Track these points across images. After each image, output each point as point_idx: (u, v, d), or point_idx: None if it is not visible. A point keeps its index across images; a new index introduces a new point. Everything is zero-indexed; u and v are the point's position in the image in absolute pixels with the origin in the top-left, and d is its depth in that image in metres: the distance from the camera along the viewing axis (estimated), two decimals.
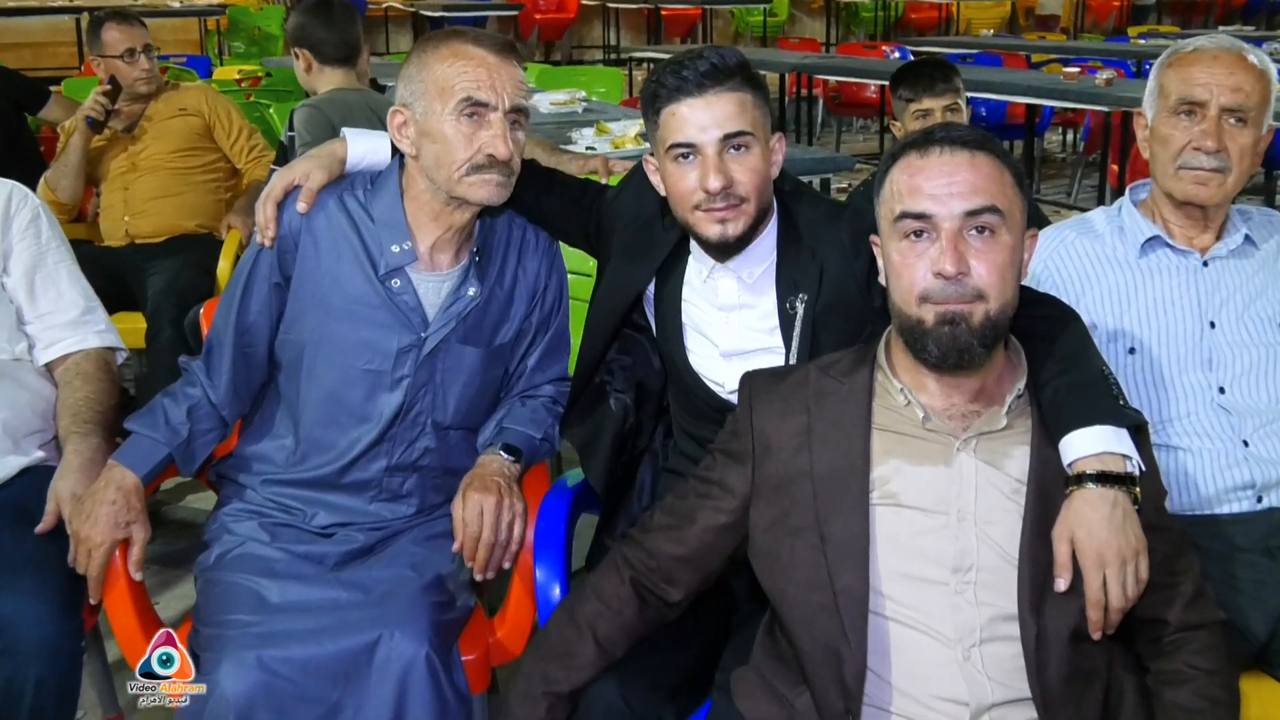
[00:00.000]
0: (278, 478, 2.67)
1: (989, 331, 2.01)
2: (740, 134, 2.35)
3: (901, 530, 2.05)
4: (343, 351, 2.60)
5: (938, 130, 2.08)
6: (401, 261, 2.58)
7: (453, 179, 2.49)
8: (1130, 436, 2.05)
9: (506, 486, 2.56)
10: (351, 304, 2.59)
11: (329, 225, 2.60)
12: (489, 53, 2.49)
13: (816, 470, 2.10)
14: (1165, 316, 2.64)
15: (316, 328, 2.61)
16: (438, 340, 2.61)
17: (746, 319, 2.51)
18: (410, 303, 2.59)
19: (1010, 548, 2.01)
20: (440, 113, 2.47)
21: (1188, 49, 2.64)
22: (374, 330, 2.59)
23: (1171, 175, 2.62)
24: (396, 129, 2.55)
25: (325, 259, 2.59)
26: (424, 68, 2.51)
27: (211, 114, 5.09)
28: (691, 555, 2.22)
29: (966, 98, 4.19)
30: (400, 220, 2.58)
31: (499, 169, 2.49)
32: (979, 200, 2.00)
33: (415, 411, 2.64)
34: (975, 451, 2.06)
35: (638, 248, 2.60)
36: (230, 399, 2.67)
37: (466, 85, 2.46)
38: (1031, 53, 12.40)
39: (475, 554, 2.50)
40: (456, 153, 2.48)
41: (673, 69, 2.37)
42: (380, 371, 2.60)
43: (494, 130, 2.47)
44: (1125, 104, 7.54)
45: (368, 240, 2.59)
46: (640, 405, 2.72)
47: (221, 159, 5.14)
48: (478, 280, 2.64)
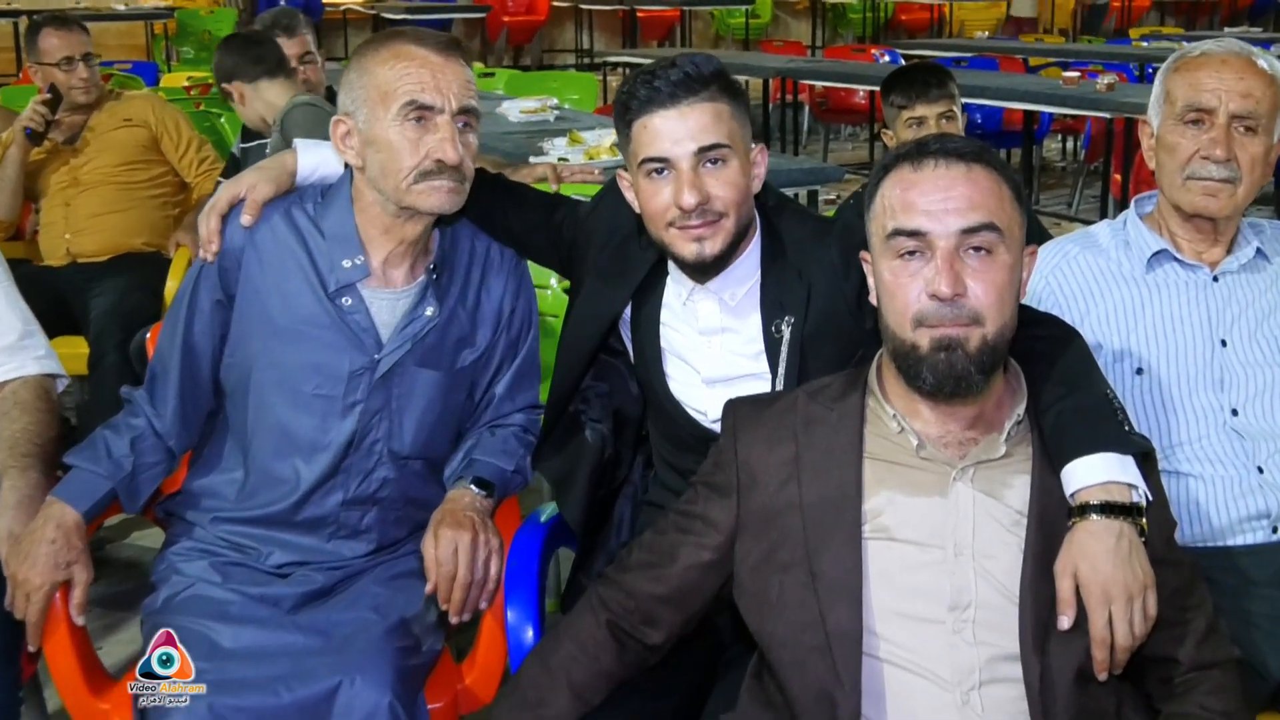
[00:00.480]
0: (228, 515, 2.65)
1: (987, 357, 2.01)
2: (716, 146, 2.35)
3: (895, 566, 2.04)
4: (291, 375, 2.58)
5: (932, 141, 2.08)
6: (352, 278, 2.56)
7: (400, 188, 2.48)
8: (1136, 464, 2.04)
9: (480, 522, 2.54)
10: (299, 324, 2.57)
11: (275, 241, 2.59)
12: (432, 52, 2.48)
13: (805, 502, 2.09)
14: (1174, 335, 2.65)
15: (262, 351, 2.59)
16: (392, 362, 2.59)
17: (730, 344, 2.51)
18: (362, 322, 2.58)
19: (1010, 584, 2.01)
20: (384, 119, 2.46)
21: (1194, 53, 2.65)
22: (323, 352, 2.57)
23: (1179, 186, 2.62)
24: (340, 139, 2.54)
25: (271, 277, 2.58)
26: (364, 73, 2.50)
27: (158, 124, 5.09)
28: (673, 595, 2.22)
29: (962, 104, 4.20)
30: (352, 234, 2.57)
31: (449, 174, 2.47)
32: (976, 217, 2.00)
33: (370, 440, 2.62)
34: (973, 481, 2.06)
35: (613, 269, 2.59)
36: (177, 429, 2.66)
37: (409, 88, 2.45)
38: (1029, 56, 12.47)
39: (451, 595, 2.48)
40: (403, 160, 2.46)
41: (644, 79, 2.37)
42: (331, 397, 2.58)
43: (441, 134, 2.46)
44: (1128, 110, 7.57)
45: (316, 256, 2.58)
46: (618, 435, 2.71)
47: (169, 172, 5.13)
48: (436, 299, 2.62)
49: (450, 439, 2.74)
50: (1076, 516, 2.00)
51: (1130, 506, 2.00)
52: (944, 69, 4.28)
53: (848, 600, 2.02)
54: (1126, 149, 7.85)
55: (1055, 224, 8.96)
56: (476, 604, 2.51)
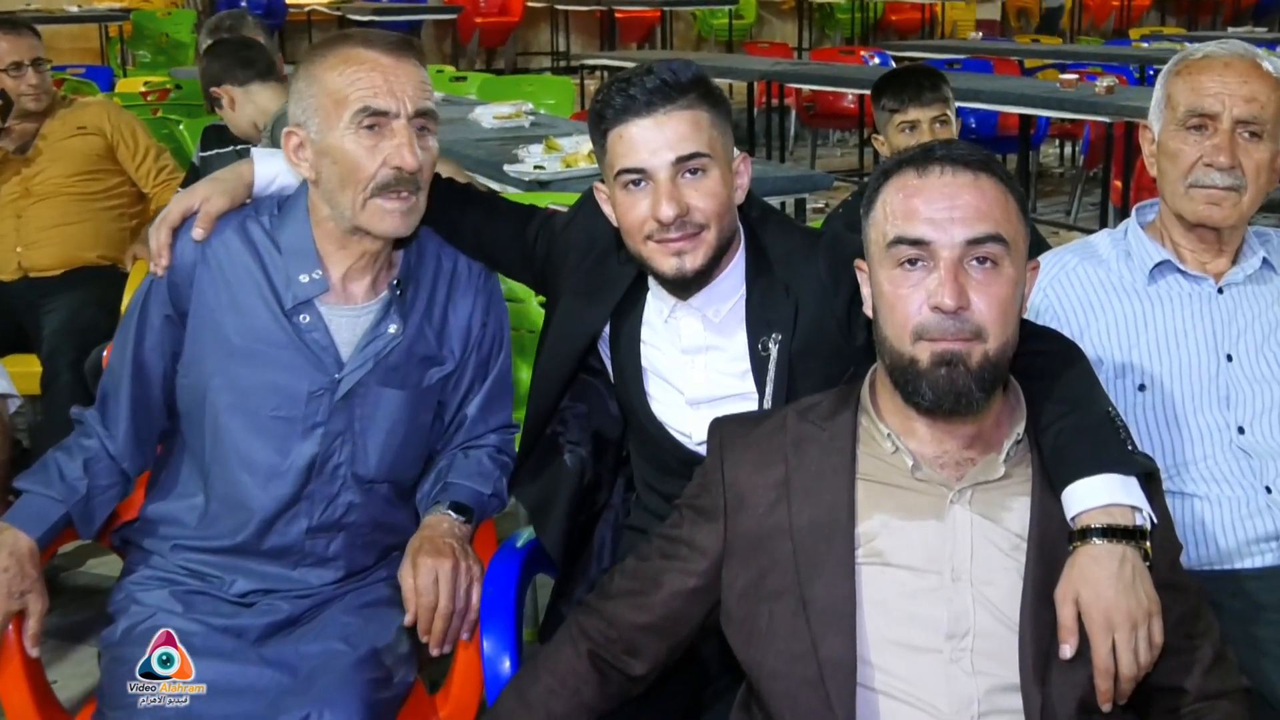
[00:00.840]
0: (188, 543, 2.63)
1: (988, 374, 2.01)
2: (695, 156, 2.35)
3: (890, 592, 2.04)
4: (247, 397, 2.57)
5: (938, 147, 2.08)
6: (310, 293, 2.55)
7: (356, 204, 2.46)
8: (1140, 485, 2.05)
9: (460, 549, 2.54)
10: (255, 343, 2.56)
11: (229, 256, 2.58)
12: (382, 54, 2.47)
13: (796, 526, 2.09)
14: (1178, 350, 2.66)
15: (217, 371, 2.57)
16: (354, 382, 2.58)
17: (714, 362, 2.51)
18: (321, 341, 2.57)
19: (1010, 611, 2.01)
20: (336, 128, 2.45)
21: (1197, 56, 2.66)
22: (281, 372, 2.56)
23: (1182, 194, 2.63)
24: (292, 152, 2.52)
25: (225, 294, 2.57)
26: (313, 80, 2.48)
27: (114, 132, 5.07)
28: (657, 624, 2.22)
29: (956, 108, 4.22)
30: (309, 247, 2.56)
31: (407, 185, 2.46)
32: (983, 228, 2.00)
33: (333, 464, 2.60)
34: (970, 504, 2.06)
35: (591, 285, 2.60)
36: (131, 450, 2.65)
37: (361, 93, 2.43)
38: (1025, 58, 12.50)
39: (431, 627, 2.48)
40: (359, 170, 2.45)
41: (619, 87, 2.37)
42: (290, 419, 2.57)
43: (398, 139, 2.44)
44: (1128, 113, 7.59)
45: (272, 272, 2.57)
46: (598, 457, 2.71)
47: (126, 182, 5.11)
48: (399, 316, 2.61)
49: (417, 461, 2.73)
50: (1078, 540, 2.00)
51: (1134, 530, 2.00)
52: (937, 72, 4.30)
53: (841, 629, 2.02)
54: (1127, 154, 7.87)
55: (1053, 233, 8.99)
56: (458, 634, 2.51)
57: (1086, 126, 9.71)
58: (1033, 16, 20.84)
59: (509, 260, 2.77)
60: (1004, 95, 8.77)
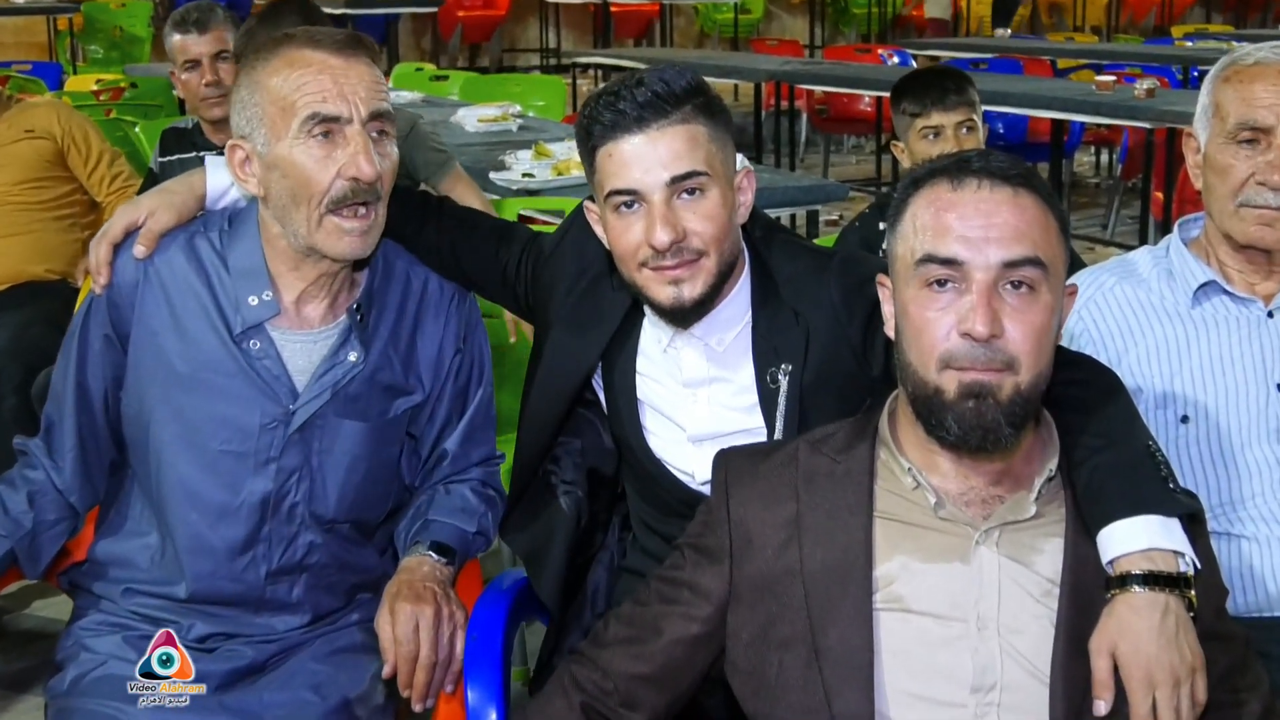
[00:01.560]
0: (142, 587, 2.62)
1: (1019, 409, 2.00)
2: (692, 174, 2.34)
3: (911, 641, 2.04)
4: (194, 429, 2.55)
5: (975, 158, 2.06)
6: (260, 316, 2.53)
7: (311, 222, 2.44)
8: (1183, 527, 2.04)
9: (443, 594, 2.52)
10: (201, 371, 2.54)
11: (173, 275, 2.56)
12: (330, 54, 2.44)
13: (808, 569, 2.09)
14: (1224, 378, 2.66)
15: (162, 399, 2.56)
16: (310, 414, 2.56)
17: (719, 395, 2.50)
18: (273, 369, 2.55)
19: (1040, 662, 2.01)
20: (284, 138, 2.42)
21: (1248, 61, 2.65)
22: (230, 403, 2.54)
23: (1230, 213, 2.63)
24: (238, 167, 2.50)
25: (168, 316, 2.55)
26: (256, 87, 2.46)
27: (65, 136, 5.07)
28: (656, 674, 2.21)
29: (982, 112, 4.23)
30: (260, 267, 2.54)
31: (365, 195, 2.43)
32: (1020, 249, 2.00)
33: (289, 502, 2.58)
34: (998, 545, 2.06)
35: (583, 314, 2.58)
36: (79, 483, 2.64)
37: (309, 99, 2.41)
38: (1057, 57, 12.52)
39: (412, 679, 2.46)
40: (311, 183, 2.42)
41: (608, 100, 2.35)
42: (241, 453, 2.55)
43: (352, 147, 2.42)
44: (1170, 119, 7.60)
45: (219, 294, 2.55)
46: (593, 497, 2.70)
47: (77, 190, 5.12)
48: (360, 343, 2.59)
49: (383, 499, 2.71)
50: (1116, 588, 2.00)
51: (1177, 577, 2.00)
52: (962, 73, 4.31)
53: (857, 681, 2.02)
54: (1169, 164, 7.88)
55: (1089, 249, 9.00)
56: (440, 686, 2.49)
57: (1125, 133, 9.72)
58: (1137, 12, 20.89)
59: (488, 282, 2.75)
60: (1035, 98, 8.78)
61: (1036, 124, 9.84)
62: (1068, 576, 2.04)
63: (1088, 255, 7.70)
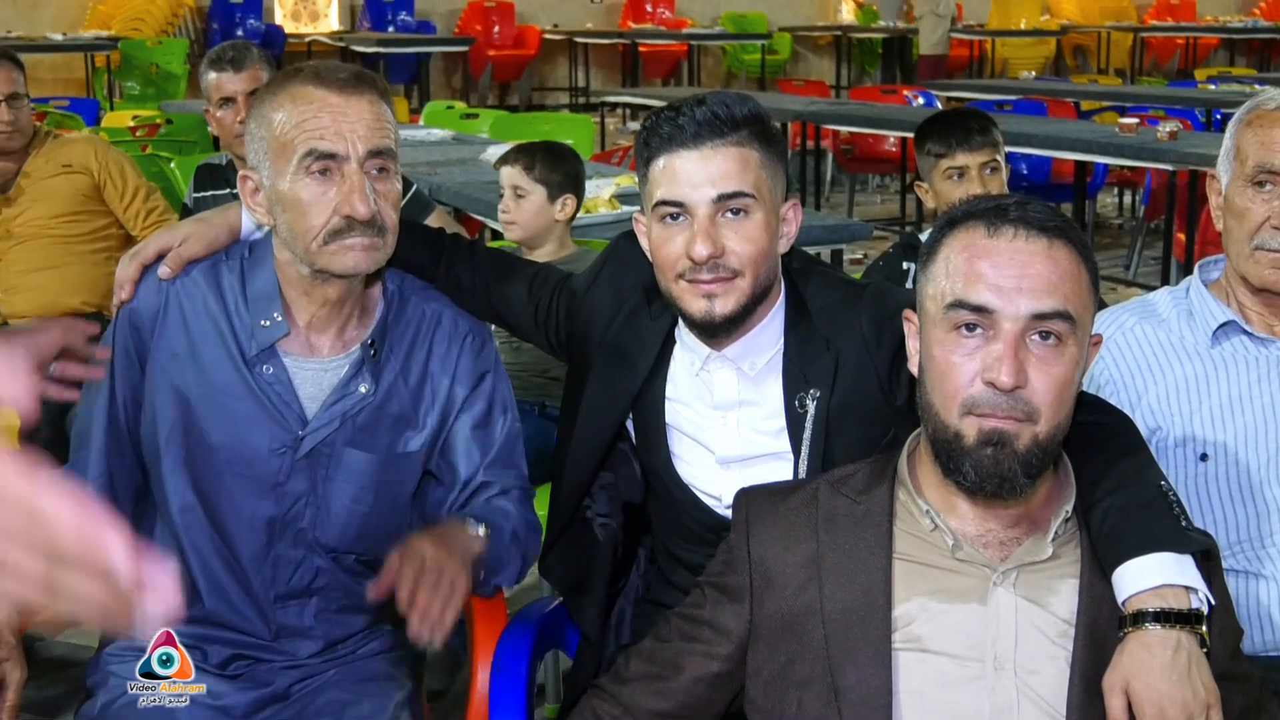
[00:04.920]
0: None
1: (1035, 458, 2.00)
2: (738, 195, 2.37)
3: (929, 682, 2.04)
4: (206, 451, 2.57)
5: (1013, 207, 2.05)
6: (272, 336, 2.54)
7: (311, 249, 2.46)
8: (1196, 565, 2.03)
9: (464, 559, 2.44)
10: (215, 394, 2.55)
11: (192, 303, 2.58)
12: (330, 91, 2.45)
13: (828, 608, 2.09)
14: (1243, 416, 2.66)
15: (176, 422, 2.57)
16: (317, 440, 2.57)
17: (748, 418, 2.52)
18: (284, 395, 2.56)
19: (1057, 702, 2.01)
20: (285, 173, 2.45)
21: (1270, 105, 2.65)
22: (241, 427, 2.55)
23: (1247, 256, 2.63)
24: (249, 196, 2.53)
25: (185, 341, 2.57)
26: (263, 122, 2.48)
27: (101, 170, 5.08)
28: (677, 711, 2.21)
29: (1006, 153, 4.23)
30: (274, 291, 2.56)
31: (361, 230, 2.44)
32: (1051, 303, 1.99)
33: (295, 527, 2.59)
34: (1015, 586, 2.06)
35: (624, 346, 2.60)
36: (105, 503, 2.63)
37: (307, 137, 2.43)
38: (1081, 99, 12.52)
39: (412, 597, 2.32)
40: (309, 218, 2.43)
41: (669, 115, 2.39)
42: (249, 476, 2.56)
43: (348, 185, 2.42)
44: (1192, 161, 7.58)
45: (235, 320, 2.56)
46: (626, 528, 2.71)
47: (113, 224, 5.13)
48: (371, 376, 2.59)
49: (391, 536, 2.61)
50: (1129, 625, 1.99)
51: (1189, 614, 1.99)
52: (985, 114, 4.31)
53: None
54: (1191, 205, 7.85)
55: (1111, 289, 8.98)
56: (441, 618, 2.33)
57: (1148, 174, 9.69)
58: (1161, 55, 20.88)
59: (519, 322, 2.78)
60: (1058, 140, 8.76)
61: (1060, 165, 9.84)
62: (1083, 617, 2.04)
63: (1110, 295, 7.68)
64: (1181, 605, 1.99)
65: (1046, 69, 20.33)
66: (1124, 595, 2.02)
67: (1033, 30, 20.79)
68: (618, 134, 15.47)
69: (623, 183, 5.65)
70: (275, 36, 17.91)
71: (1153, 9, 23.01)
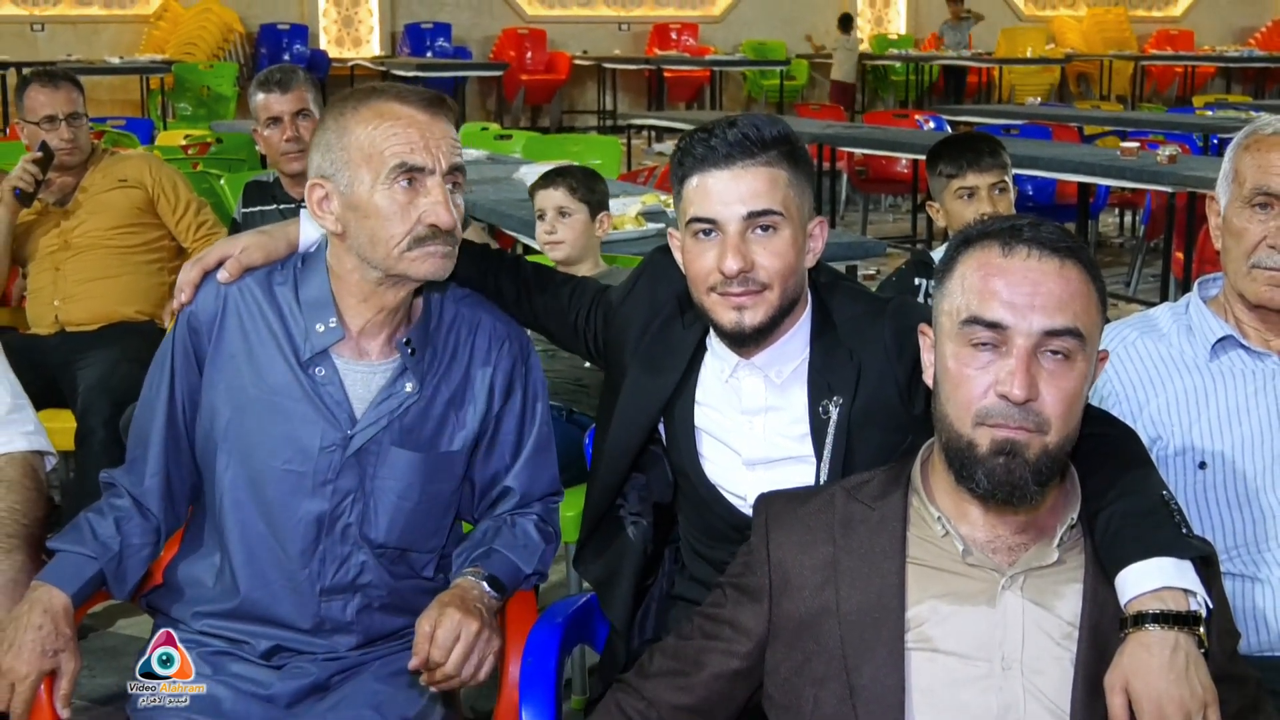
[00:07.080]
0: (208, 609, 2.63)
1: (1045, 467, 2.00)
2: (767, 213, 2.38)
3: (939, 680, 2.04)
4: (260, 448, 2.57)
5: (1027, 228, 2.06)
6: (327, 341, 2.56)
7: (392, 256, 2.47)
8: (1195, 569, 2.03)
9: (489, 620, 2.49)
10: (270, 394, 2.57)
11: (249, 308, 2.60)
12: (418, 110, 2.49)
13: (843, 610, 2.09)
14: (1240, 427, 2.65)
15: (232, 420, 2.59)
16: (366, 439, 2.57)
17: (774, 423, 2.53)
18: (335, 395, 2.57)
19: (1061, 701, 2.00)
20: (370, 183, 2.46)
21: (1267, 130, 2.66)
22: (293, 425, 2.56)
23: (1244, 274, 2.63)
24: (317, 204, 2.53)
25: (242, 344, 2.58)
26: (344, 133, 2.50)
27: (155, 186, 5.08)
28: (698, 706, 2.21)
29: (1013, 174, 4.23)
30: (327, 298, 2.57)
31: (442, 239, 2.48)
32: (1062, 320, 2.00)
33: (342, 523, 2.59)
34: (1022, 590, 2.06)
35: (657, 354, 2.62)
36: (162, 501, 2.65)
37: (398, 149, 2.45)
38: (1084, 124, 12.50)
39: (433, 677, 2.41)
40: (394, 226, 2.46)
41: (702, 136, 2.41)
42: (301, 473, 2.57)
43: (434, 197, 2.46)
44: (1191, 184, 7.57)
45: (291, 324, 2.58)
46: (656, 526, 2.72)
47: (165, 237, 5.14)
48: (415, 376, 2.60)
49: (433, 534, 2.69)
50: (1130, 627, 1.99)
51: (1188, 615, 1.98)
52: (994, 138, 4.31)
53: (889, 718, 2.02)
54: (1189, 226, 7.84)
55: (1112, 305, 8.88)
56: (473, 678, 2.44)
57: (1148, 196, 9.67)
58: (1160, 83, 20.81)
59: (560, 330, 2.81)
60: (1062, 163, 8.76)
61: (1064, 186, 9.85)
62: (1086, 620, 2.04)
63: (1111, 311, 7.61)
64: (1180, 608, 1.99)
65: (1051, 95, 20.33)
66: (1126, 598, 2.02)
67: (1038, 59, 20.75)
68: (643, 155, 15.47)
69: (648, 201, 5.65)
70: (320, 61, 17.97)
71: (1153, 39, 22.99)
